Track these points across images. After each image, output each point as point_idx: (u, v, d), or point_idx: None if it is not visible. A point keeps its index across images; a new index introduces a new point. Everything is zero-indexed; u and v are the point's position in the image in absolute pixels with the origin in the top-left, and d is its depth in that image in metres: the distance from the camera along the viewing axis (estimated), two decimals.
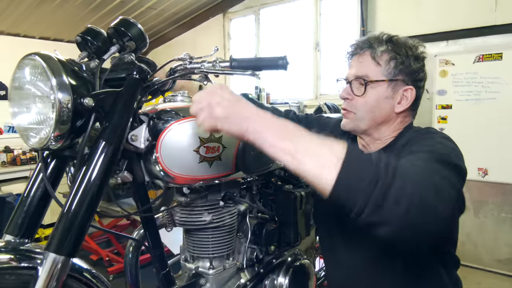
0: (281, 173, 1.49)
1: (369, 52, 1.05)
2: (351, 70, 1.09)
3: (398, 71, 1.03)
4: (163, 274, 1.13)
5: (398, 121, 1.08)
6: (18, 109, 0.87)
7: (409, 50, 1.05)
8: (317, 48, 4.33)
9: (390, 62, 1.03)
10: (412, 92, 1.04)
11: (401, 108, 1.05)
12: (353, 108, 1.08)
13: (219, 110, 0.73)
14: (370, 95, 1.05)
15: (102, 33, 0.96)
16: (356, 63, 1.08)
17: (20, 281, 0.78)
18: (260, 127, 0.71)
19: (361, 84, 1.05)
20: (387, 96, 1.04)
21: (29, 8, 4.13)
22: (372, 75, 1.04)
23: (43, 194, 0.93)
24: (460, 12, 3.33)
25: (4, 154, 3.77)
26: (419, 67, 1.06)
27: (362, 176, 0.64)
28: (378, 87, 1.04)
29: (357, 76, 1.06)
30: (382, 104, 1.05)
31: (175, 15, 5.03)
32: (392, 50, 1.04)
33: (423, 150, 0.84)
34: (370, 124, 1.08)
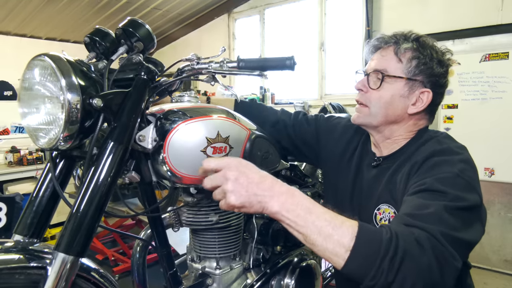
0: (287, 173, 1.49)
1: (393, 47, 1.04)
2: (371, 62, 1.08)
3: (419, 71, 1.01)
4: (170, 273, 1.13)
5: (410, 123, 1.06)
6: (28, 109, 0.87)
7: (434, 53, 1.02)
8: (322, 48, 4.32)
9: (412, 60, 1.01)
10: (429, 95, 1.02)
11: (414, 109, 1.03)
12: (366, 101, 1.07)
13: (233, 197, 0.75)
14: (385, 90, 1.03)
15: (110, 34, 0.96)
16: (378, 57, 1.07)
17: (30, 280, 0.79)
18: (274, 207, 0.74)
19: (378, 78, 1.03)
20: (403, 95, 1.02)
21: (35, 9, 4.16)
22: (391, 70, 1.02)
23: (52, 194, 0.93)
24: (466, 11, 3.31)
25: (10, 154, 3.79)
26: (441, 72, 1.03)
27: (366, 270, 0.69)
28: (395, 83, 1.02)
29: (376, 69, 1.04)
30: (396, 102, 1.03)
31: (180, 15, 5.04)
32: (416, 49, 1.02)
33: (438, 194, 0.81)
34: (381, 121, 1.06)
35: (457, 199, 0.79)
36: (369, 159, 1.14)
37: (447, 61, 1.04)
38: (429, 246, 0.70)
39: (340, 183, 1.20)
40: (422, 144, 1.01)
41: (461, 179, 0.84)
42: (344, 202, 1.16)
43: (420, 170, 0.91)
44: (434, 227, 0.73)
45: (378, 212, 1.03)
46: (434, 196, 0.81)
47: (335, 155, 1.24)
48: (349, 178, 1.17)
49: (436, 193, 0.81)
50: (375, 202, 1.04)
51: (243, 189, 0.75)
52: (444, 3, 3.42)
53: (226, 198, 0.76)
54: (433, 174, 0.86)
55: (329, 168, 1.28)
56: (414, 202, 0.82)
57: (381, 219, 1.02)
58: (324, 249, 0.71)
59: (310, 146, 1.33)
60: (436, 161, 0.90)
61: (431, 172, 0.88)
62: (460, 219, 0.77)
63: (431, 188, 0.83)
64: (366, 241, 0.70)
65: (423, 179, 0.87)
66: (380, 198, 1.03)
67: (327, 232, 0.70)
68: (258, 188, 0.75)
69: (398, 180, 0.98)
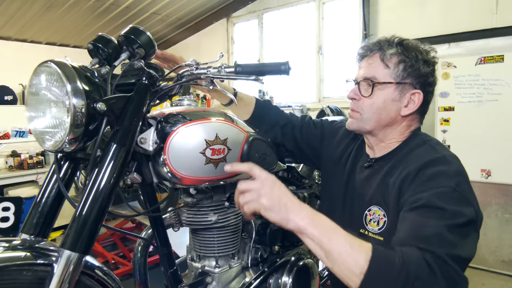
0: (284, 174, 1.52)
1: (378, 54, 1.06)
2: (360, 71, 1.11)
3: (407, 74, 1.04)
4: (170, 272, 1.17)
5: (404, 125, 1.08)
6: (35, 113, 0.91)
7: (419, 54, 1.05)
8: (320, 51, 4.37)
9: (399, 65, 1.04)
10: (420, 96, 1.04)
11: (407, 111, 1.05)
12: (359, 109, 1.10)
13: (265, 199, 0.81)
14: (377, 97, 1.06)
15: (112, 41, 1.00)
16: (365, 65, 1.09)
17: (37, 277, 0.82)
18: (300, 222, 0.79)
19: (368, 85, 1.06)
20: (394, 99, 1.05)
21: (36, 14, 4.20)
22: (380, 77, 1.05)
23: (57, 195, 0.97)
24: (461, 15, 3.36)
25: (11, 158, 3.82)
26: (428, 71, 1.05)
27: None
28: (386, 89, 1.05)
29: (365, 77, 1.07)
30: (388, 106, 1.06)
31: (179, 20, 5.09)
32: (401, 53, 1.04)
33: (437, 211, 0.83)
34: (375, 126, 1.08)
35: (455, 216, 0.82)
36: (363, 160, 1.17)
37: (432, 59, 1.07)
38: (438, 269, 0.74)
39: (334, 184, 1.24)
40: (415, 147, 1.04)
41: (458, 193, 0.86)
42: (337, 203, 1.20)
43: (416, 180, 0.93)
44: (440, 250, 0.76)
45: (368, 213, 1.06)
46: (434, 213, 0.83)
47: (334, 157, 1.28)
48: (343, 179, 1.20)
49: (435, 210, 0.83)
50: (367, 202, 1.07)
51: (276, 196, 0.82)
52: (440, 7, 3.47)
53: (257, 199, 0.82)
54: (430, 188, 0.88)
55: (327, 170, 1.32)
56: (415, 220, 0.84)
57: (370, 220, 1.05)
58: (341, 268, 0.75)
59: (314, 148, 1.37)
60: (432, 172, 0.91)
61: (427, 184, 0.89)
62: (460, 236, 0.81)
63: (430, 204, 0.84)
64: (380, 266, 0.74)
65: (420, 193, 0.88)
66: (371, 199, 1.06)
67: (347, 252, 0.75)
68: (290, 201, 0.82)
69: (390, 183, 1.00)
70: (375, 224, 1.03)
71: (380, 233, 1.02)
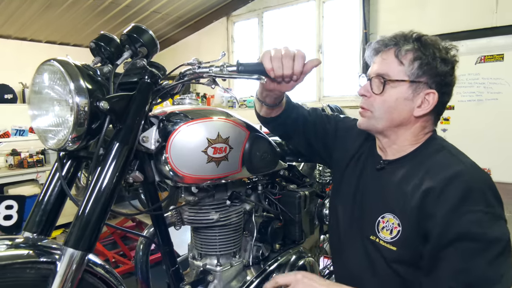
0: (286, 173, 1.53)
1: (393, 49, 1.00)
2: (373, 67, 1.05)
3: (422, 73, 0.97)
4: (172, 270, 1.17)
5: (417, 126, 1.02)
6: (38, 112, 0.91)
7: (437, 51, 0.98)
8: (320, 50, 4.37)
9: (414, 62, 0.97)
10: (435, 96, 0.98)
11: (420, 112, 0.99)
12: (370, 106, 1.04)
13: None
14: (389, 94, 1.00)
15: (115, 39, 1.00)
16: (379, 60, 1.03)
17: (40, 275, 0.82)
18: None
19: (380, 82, 1.00)
20: (407, 98, 0.99)
21: (36, 12, 4.20)
22: (393, 74, 0.99)
23: (60, 193, 0.97)
24: (461, 14, 3.36)
25: (11, 157, 3.81)
26: (446, 70, 0.98)
27: None
28: (398, 87, 0.99)
29: (377, 74, 1.01)
30: (400, 105, 1.00)
31: (179, 18, 5.09)
32: (418, 50, 0.98)
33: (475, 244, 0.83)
34: (386, 125, 1.03)
35: (492, 245, 0.83)
36: (374, 161, 1.11)
37: (451, 58, 1.00)
38: None
39: (345, 183, 1.19)
40: (433, 153, 0.98)
41: (489, 214, 0.85)
42: (347, 203, 1.16)
43: (443, 200, 0.88)
44: None
45: (381, 220, 1.01)
46: (471, 250, 0.83)
47: (346, 156, 1.22)
48: (353, 179, 1.16)
49: (473, 243, 0.83)
50: (380, 209, 1.02)
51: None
52: (441, 6, 3.47)
53: None
54: (461, 213, 0.85)
55: (338, 168, 1.25)
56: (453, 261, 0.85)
57: (383, 228, 1.00)
58: None
59: (326, 145, 1.30)
60: (460, 193, 0.87)
61: (458, 210, 0.86)
62: (500, 268, 0.82)
63: (465, 236, 0.84)
64: None
65: (453, 222, 0.86)
66: (386, 206, 1.01)
67: None
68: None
69: (409, 192, 0.95)
70: (388, 232, 0.99)
71: (393, 243, 0.97)
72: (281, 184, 1.49)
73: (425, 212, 0.91)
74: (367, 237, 1.04)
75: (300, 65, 1.01)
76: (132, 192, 3.28)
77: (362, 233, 1.06)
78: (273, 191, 1.45)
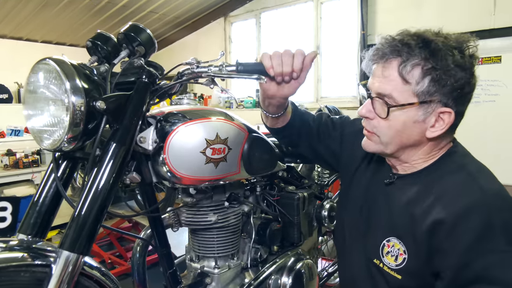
0: (284, 174, 1.52)
1: (396, 63, 0.83)
2: (373, 81, 0.88)
3: (434, 90, 0.80)
4: (169, 273, 1.15)
5: (430, 144, 0.89)
6: (33, 112, 0.89)
7: (450, 58, 0.79)
8: (318, 51, 4.37)
9: (425, 78, 0.80)
10: (451, 115, 0.82)
11: (434, 133, 0.84)
12: (374, 130, 0.90)
13: None
14: (395, 119, 0.85)
15: (112, 38, 0.99)
16: (379, 74, 0.86)
17: (35, 278, 0.80)
18: None
19: (384, 105, 0.85)
20: (417, 120, 0.84)
21: (31, 12, 4.17)
22: (398, 96, 0.83)
23: (55, 194, 0.96)
24: (459, 15, 3.37)
25: (6, 157, 3.78)
26: (464, 80, 0.80)
27: None
28: (406, 110, 0.83)
29: (379, 94, 0.86)
30: (410, 128, 0.85)
31: (177, 18, 5.07)
32: (427, 61, 0.80)
33: None
34: (396, 149, 0.90)
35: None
36: (384, 173, 1.01)
37: (469, 60, 0.82)
38: None
39: (353, 191, 1.11)
40: (448, 174, 0.85)
41: (509, 253, 0.75)
42: (353, 214, 1.08)
43: (456, 236, 0.78)
44: None
45: (387, 244, 0.93)
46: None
47: (356, 160, 1.13)
48: (361, 189, 1.08)
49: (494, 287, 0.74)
50: (386, 230, 0.94)
51: None
52: (438, 7, 3.48)
53: None
54: (478, 253, 0.76)
55: (347, 174, 1.17)
56: None
57: (388, 253, 0.92)
58: None
59: (333, 151, 1.21)
60: (476, 229, 0.76)
61: (474, 248, 0.76)
62: None
63: (485, 279, 0.75)
64: None
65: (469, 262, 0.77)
66: (391, 229, 0.92)
67: None
68: None
69: (418, 216, 0.86)
70: (392, 258, 0.91)
71: (398, 270, 0.89)
72: (280, 186, 1.48)
73: (435, 246, 0.81)
74: (370, 260, 0.97)
75: (299, 61, 0.96)
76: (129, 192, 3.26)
77: (366, 253, 0.99)
78: (272, 192, 1.44)
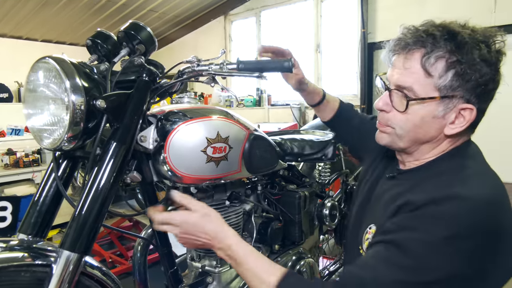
0: (285, 173, 1.51)
1: (419, 54, 0.78)
2: (393, 73, 0.83)
3: (458, 85, 0.76)
4: (171, 272, 1.15)
5: (446, 142, 0.84)
6: (32, 111, 0.89)
7: (477, 52, 0.75)
8: (318, 49, 4.36)
9: (448, 72, 0.76)
10: (472, 112, 0.77)
11: (453, 130, 0.80)
12: (389, 123, 0.87)
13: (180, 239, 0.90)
14: (414, 113, 0.81)
15: (112, 37, 0.98)
16: (400, 65, 0.81)
17: (35, 278, 0.80)
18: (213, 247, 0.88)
19: (403, 98, 0.80)
20: (436, 116, 0.79)
21: (31, 11, 4.16)
22: (419, 89, 0.78)
23: (55, 194, 0.95)
24: (461, 12, 3.35)
25: (7, 156, 3.78)
26: (489, 76, 0.76)
27: None
28: (426, 104, 0.79)
29: (399, 86, 0.81)
30: (428, 123, 0.81)
31: (176, 17, 5.06)
32: (452, 54, 0.75)
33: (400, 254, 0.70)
34: (410, 144, 0.86)
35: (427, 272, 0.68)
36: (391, 169, 0.98)
37: (496, 54, 0.77)
38: None
39: (362, 187, 1.09)
40: (445, 171, 0.80)
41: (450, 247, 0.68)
42: (357, 207, 1.06)
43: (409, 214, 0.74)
44: None
45: (369, 231, 0.92)
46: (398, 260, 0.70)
47: (370, 158, 1.13)
48: (368, 184, 1.05)
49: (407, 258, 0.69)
50: (372, 218, 0.93)
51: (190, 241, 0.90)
52: (438, 5, 3.47)
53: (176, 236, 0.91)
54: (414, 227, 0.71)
55: (364, 167, 1.16)
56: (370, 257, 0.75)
57: (367, 239, 0.91)
58: None
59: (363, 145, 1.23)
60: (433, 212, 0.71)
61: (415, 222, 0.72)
62: None
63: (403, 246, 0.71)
64: None
65: (400, 225, 0.74)
66: (375, 217, 0.91)
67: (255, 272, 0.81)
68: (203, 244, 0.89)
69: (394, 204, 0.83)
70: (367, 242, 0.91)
71: None
72: (281, 184, 1.47)
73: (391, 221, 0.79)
74: (357, 248, 0.95)
75: None
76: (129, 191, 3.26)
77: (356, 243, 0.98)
78: (273, 191, 1.43)
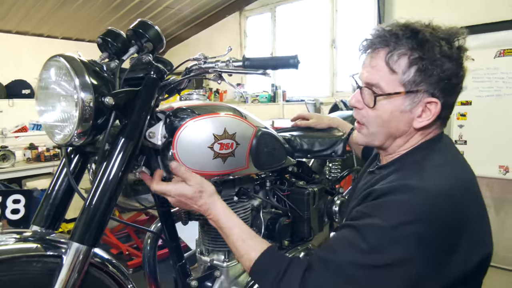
0: (294, 169, 1.51)
1: (383, 52, 0.84)
2: (363, 71, 0.90)
3: (420, 80, 0.81)
4: (179, 265, 1.17)
5: (417, 135, 0.88)
6: (44, 107, 0.92)
7: (438, 48, 0.80)
8: (333, 45, 4.31)
9: (411, 68, 0.81)
10: (437, 105, 0.82)
11: (421, 123, 0.85)
12: (363, 120, 0.92)
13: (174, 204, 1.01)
14: (383, 108, 0.86)
15: (121, 35, 1.00)
16: (368, 64, 0.88)
17: (46, 268, 0.83)
18: None
19: (371, 94, 0.86)
20: (403, 110, 0.84)
21: (51, 9, 4.27)
22: (385, 86, 0.84)
23: (67, 188, 0.99)
24: (479, 6, 3.27)
25: (29, 150, 3.90)
26: (451, 71, 0.81)
27: None
28: (393, 99, 0.84)
29: (367, 83, 0.87)
30: (397, 118, 0.86)
31: (192, 14, 5.09)
32: (414, 51, 0.81)
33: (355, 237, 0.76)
34: (385, 140, 0.91)
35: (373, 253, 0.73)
36: (374, 164, 1.03)
37: (457, 51, 0.83)
38: None
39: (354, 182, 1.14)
40: (408, 165, 0.86)
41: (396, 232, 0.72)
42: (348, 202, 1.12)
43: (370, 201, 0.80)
44: None
45: None
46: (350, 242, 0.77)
47: None
48: (357, 179, 1.10)
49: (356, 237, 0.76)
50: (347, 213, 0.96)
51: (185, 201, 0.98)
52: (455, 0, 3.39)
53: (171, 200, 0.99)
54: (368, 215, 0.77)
55: None
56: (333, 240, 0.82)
57: None
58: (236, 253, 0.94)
59: None
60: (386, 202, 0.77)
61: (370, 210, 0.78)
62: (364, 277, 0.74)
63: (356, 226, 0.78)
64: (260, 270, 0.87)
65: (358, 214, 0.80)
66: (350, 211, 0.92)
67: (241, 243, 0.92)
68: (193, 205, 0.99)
69: None
70: None
71: None
72: (290, 181, 1.47)
73: None
74: None
75: None
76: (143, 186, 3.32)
77: None
78: (282, 187, 1.44)
